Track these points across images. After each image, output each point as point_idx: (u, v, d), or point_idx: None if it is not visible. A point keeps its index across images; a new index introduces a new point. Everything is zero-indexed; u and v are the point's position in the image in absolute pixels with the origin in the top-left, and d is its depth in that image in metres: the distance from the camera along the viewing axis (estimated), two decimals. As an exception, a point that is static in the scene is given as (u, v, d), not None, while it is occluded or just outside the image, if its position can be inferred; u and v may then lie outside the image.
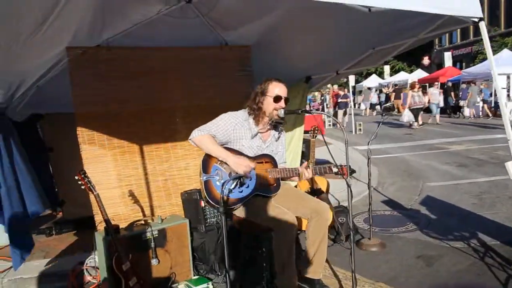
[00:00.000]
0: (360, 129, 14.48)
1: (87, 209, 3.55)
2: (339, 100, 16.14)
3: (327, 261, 3.47)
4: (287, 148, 4.92)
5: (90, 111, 3.79)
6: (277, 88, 2.70)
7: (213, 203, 2.51)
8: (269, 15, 3.82)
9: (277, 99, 2.65)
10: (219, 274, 3.30)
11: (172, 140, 4.21)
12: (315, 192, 4.03)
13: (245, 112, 2.73)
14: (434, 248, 3.75)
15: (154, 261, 3.11)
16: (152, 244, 3.11)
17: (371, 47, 3.97)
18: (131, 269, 2.78)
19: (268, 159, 2.65)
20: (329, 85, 31.20)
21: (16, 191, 3.13)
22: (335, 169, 2.73)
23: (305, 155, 5.60)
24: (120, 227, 3.14)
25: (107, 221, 2.81)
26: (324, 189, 4.07)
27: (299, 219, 3.17)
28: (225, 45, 4.53)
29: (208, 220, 3.36)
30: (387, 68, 31.58)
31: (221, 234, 3.32)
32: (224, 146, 2.62)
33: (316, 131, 4.17)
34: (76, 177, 2.78)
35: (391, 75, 30.15)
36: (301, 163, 4.68)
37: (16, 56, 3.12)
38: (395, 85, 23.69)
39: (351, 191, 2.60)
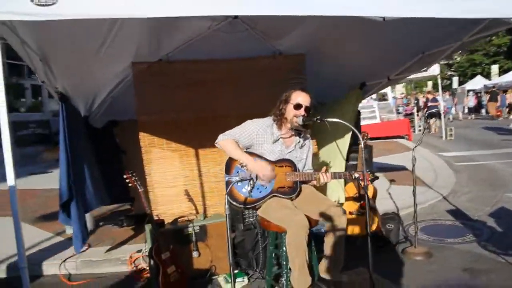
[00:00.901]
0: (451, 135, 13.55)
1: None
2: (429, 104, 15.26)
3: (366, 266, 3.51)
4: (330, 153, 4.96)
5: (151, 119, 4.26)
6: (300, 97, 2.84)
7: (232, 201, 2.74)
8: (312, 25, 3.93)
9: (297, 106, 2.79)
10: (256, 269, 3.50)
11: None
12: (360, 198, 4.04)
13: (269, 119, 2.91)
14: (485, 262, 3.51)
15: (195, 254, 3.44)
16: (194, 238, 3.44)
17: (420, 52, 3.88)
18: (170, 258, 3.12)
19: (288, 163, 2.79)
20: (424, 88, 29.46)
21: (81, 188, 3.68)
22: (356, 175, 2.79)
23: (367, 162, 5.54)
24: (166, 222, 3.52)
25: (149, 214, 3.20)
26: (370, 195, 4.05)
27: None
28: (279, 54, 4.74)
29: (247, 220, 3.59)
30: (495, 68, 28.77)
31: (257, 233, 3.54)
32: (247, 150, 2.84)
33: (366, 137, 4.16)
34: (125, 176, 3.21)
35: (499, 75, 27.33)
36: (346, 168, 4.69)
37: (88, 72, 3.69)
38: (492, 86, 21.57)
39: (368, 197, 2.64)
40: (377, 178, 2.87)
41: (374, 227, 3.90)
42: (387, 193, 5.97)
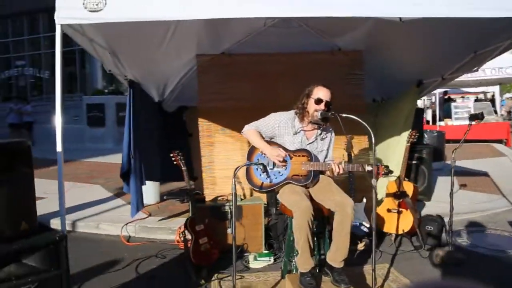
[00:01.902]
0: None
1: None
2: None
3: (391, 265, 3.58)
4: (393, 150, 4.92)
5: (210, 106, 4.71)
6: (320, 92, 3.01)
7: (250, 185, 3.04)
8: (369, 24, 3.99)
9: (318, 101, 2.97)
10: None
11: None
12: (400, 195, 4.04)
13: (292, 112, 3.12)
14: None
15: (229, 230, 3.82)
16: (229, 216, 3.82)
17: (472, 51, 3.74)
18: (203, 230, 3.53)
19: (305, 153, 2.98)
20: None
21: (143, 163, 4.25)
22: (368, 168, 2.88)
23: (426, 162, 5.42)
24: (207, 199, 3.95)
25: (190, 190, 3.64)
26: (409, 193, 4.03)
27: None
28: (338, 50, 4.86)
29: (279, 204, 3.85)
30: None
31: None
32: (271, 139, 3.10)
33: (413, 137, 4.13)
34: (171, 155, 3.68)
35: None
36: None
37: (154, 64, 4.23)
38: None
39: (375, 193, 2.74)
40: (391, 172, 2.93)
41: (408, 227, 3.90)
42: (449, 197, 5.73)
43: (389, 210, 4.05)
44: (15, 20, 15.60)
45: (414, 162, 5.25)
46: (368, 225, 4.03)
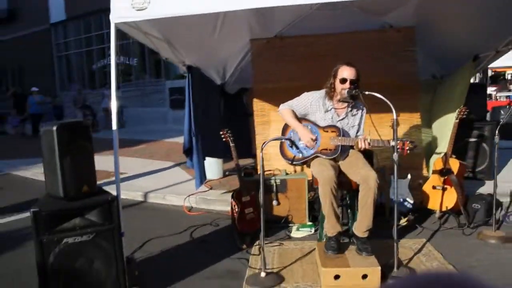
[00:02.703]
0: None
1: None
2: None
3: (428, 240, 3.63)
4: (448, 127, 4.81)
5: (264, 87, 5.01)
6: (345, 72, 3.14)
7: (282, 157, 3.33)
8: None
9: (342, 81, 3.11)
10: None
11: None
12: (445, 172, 4.02)
13: (323, 91, 3.30)
14: None
15: (274, 202, 4.14)
16: (274, 189, 4.13)
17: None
18: (249, 201, 3.89)
19: (335, 129, 3.15)
20: None
21: (205, 142, 4.70)
22: (392, 143, 2.99)
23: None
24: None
25: (237, 165, 4.01)
26: (454, 170, 3.98)
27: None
28: (389, 27, 4.85)
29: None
30: None
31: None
32: (304, 116, 3.32)
33: (462, 113, 4.05)
34: (220, 133, 4.06)
35: None
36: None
37: (209, 50, 4.62)
38: None
39: (397, 167, 2.85)
40: (415, 146, 3.00)
41: (451, 204, 3.89)
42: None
43: (434, 187, 4.06)
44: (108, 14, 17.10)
45: (473, 139, 5.08)
46: (412, 201, 4.09)
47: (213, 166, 5.75)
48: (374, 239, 3.30)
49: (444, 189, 3.98)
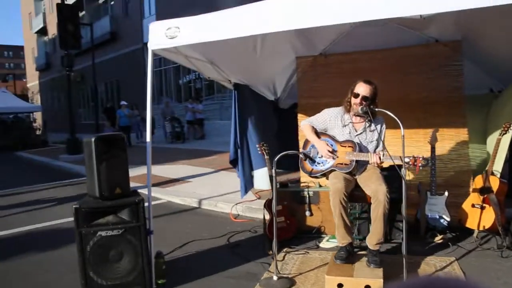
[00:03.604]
0: None
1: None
2: None
3: (458, 259, 3.53)
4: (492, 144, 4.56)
5: (308, 102, 5.21)
6: (360, 88, 3.25)
7: (302, 170, 3.50)
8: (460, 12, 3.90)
9: (355, 96, 3.24)
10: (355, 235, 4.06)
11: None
12: (484, 191, 3.85)
13: (342, 107, 3.43)
14: None
15: (307, 213, 4.30)
16: (307, 200, 4.30)
17: None
18: (281, 211, 4.11)
19: (351, 144, 3.25)
20: None
21: (246, 152, 5.02)
22: (406, 159, 3.03)
23: None
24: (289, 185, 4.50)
25: (271, 176, 4.25)
26: (494, 189, 3.79)
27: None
28: (434, 42, 4.78)
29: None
30: None
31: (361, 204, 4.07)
32: (324, 131, 3.47)
33: (506, 129, 3.88)
34: (257, 146, 4.34)
35: None
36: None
37: (254, 69, 4.96)
38: None
39: (405, 183, 2.89)
40: (428, 163, 3.00)
41: (489, 224, 3.72)
42: None
43: (473, 205, 3.91)
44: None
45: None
46: (448, 219, 3.99)
47: (264, 177, 6.04)
48: (400, 255, 3.35)
49: (482, 208, 3.83)
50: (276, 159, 3.25)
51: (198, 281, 3.29)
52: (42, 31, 31.95)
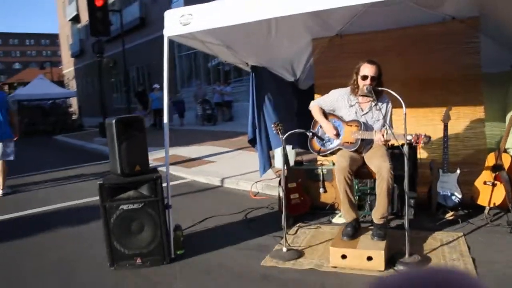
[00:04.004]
0: None
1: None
2: None
3: (466, 234, 3.61)
4: None
5: (324, 82, 5.29)
6: (366, 69, 3.33)
7: (310, 149, 3.64)
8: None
9: (363, 77, 3.31)
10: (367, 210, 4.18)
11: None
12: (496, 168, 3.88)
13: (349, 88, 3.53)
14: None
15: (321, 190, 4.45)
16: (321, 178, 4.45)
17: None
18: (295, 188, 4.28)
19: (357, 124, 3.35)
20: None
21: (264, 131, 5.19)
22: (409, 137, 3.12)
23: None
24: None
25: (285, 155, 4.41)
26: (506, 166, 3.81)
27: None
28: (451, 19, 4.74)
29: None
30: None
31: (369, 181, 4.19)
32: (332, 112, 3.60)
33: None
34: (272, 126, 4.50)
35: None
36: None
37: (270, 51, 5.08)
38: None
39: (407, 159, 2.99)
40: (429, 140, 3.07)
41: (499, 201, 3.76)
42: None
43: (485, 183, 3.95)
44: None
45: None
46: (460, 196, 4.04)
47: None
48: (410, 230, 3.49)
49: (494, 185, 3.86)
50: (284, 138, 3.41)
51: (213, 252, 3.53)
52: (76, 19, 32.84)
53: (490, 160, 4.00)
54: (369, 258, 2.96)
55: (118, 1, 26.23)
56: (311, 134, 3.61)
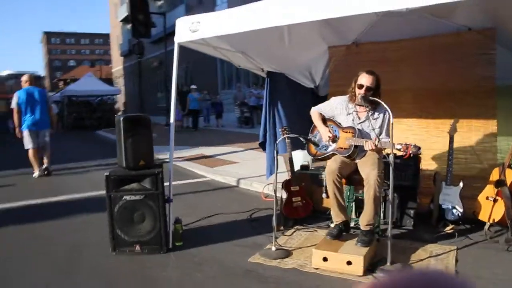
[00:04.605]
0: None
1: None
2: None
3: (459, 248, 3.60)
4: None
5: (339, 90, 5.35)
6: (363, 79, 3.41)
7: (307, 153, 3.77)
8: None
9: (359, 86, 3.41)
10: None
11: (397, 116, 5.04)
12: (499, 183, 3.83)
13: (347, 96, 3.63)
14: None
15: (324, 195, 4.55)
16: (324, 183, 4.55)
17: None
18: (297, 191, 4.41)
19: (352, 130, 3.43)
20: None
21: (274, 137, 5.34)
22: (398, 146, 3.19)
23: None
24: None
25: (290, 159, 4.55)
26: (509, 181, 3.74)
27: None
28: (467, 30, 4.70)
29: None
30: None
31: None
32: (332, 118, 3.71)
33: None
34: (280, 130, 4.65)
35: None
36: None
37: (286, 57, 5.25)
38: None
39: (392, 168, 3.05)
40: (418, 150, 3.11)
41: (498, 217, 3.72)
42: None
43: (487, 198, 3.91)
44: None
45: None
46: (461, 210, 4.02)
47: (300, 160, 6.34)
48: (404, 240, 3.57)
49: (495, 201, 3.82)
50: (277, 142, 3.58)
51: (209, 246, 3.74)
52: (126, 20, 34.27)
53: (495, 175, 3.95)
54: (349, 263, 3.05)
55: (166, 4, 27.24)
56: (304, 139, 3.74)
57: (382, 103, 3.20)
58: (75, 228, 4.39)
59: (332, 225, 3.75)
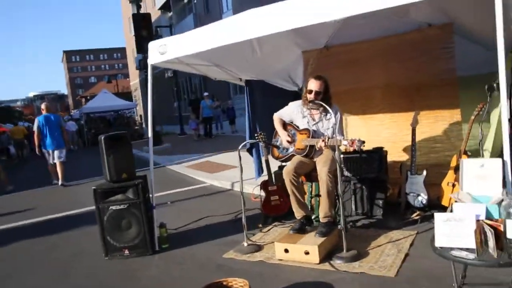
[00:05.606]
0: None
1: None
2: None
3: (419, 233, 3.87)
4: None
5: (315, 93, 5.69)
6: (312, 84, 3.73)
7: (272, 156, 4.13)
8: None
9: (309, 92, 3.73)
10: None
11: (369, 112, 5.37)
12: (457, 169, 4.06)
13: (301, 100, 3.96)
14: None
15: (302, 192, 4.89)
16: (301, 182, 4.88)
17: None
18: (275, 190, 4.75)
19: (306, 132, 3.74)
20: None
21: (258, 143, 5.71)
22: (344, 142, 3.50)
23: None
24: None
25: (266, 161, 4.90)
26: (464, 169, 3.98)
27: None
28: (427, 26, 4.94)
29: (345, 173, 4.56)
30: None
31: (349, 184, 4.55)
32: (291, 122, 4.04)
33: (479, 110, 4.06)
34: (255, 135, 5.01)
35: None
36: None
37: (261, 65, 5.59)
38: None
39: (339, 165, 3.36)
40: (361, 144, 3.40)
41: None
42: None
43: (448, 184, 4.16)
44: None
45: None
46: (426, 197, 4.28)
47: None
48: (372, 229, 3.86)
49: (453, 186, 4.07)
50: (240, 148, 3.95)
51: (192, 246, 4.15)
52: (139, 34, 35.37)
53: (454, 161, 4.20)
54: (307, 253, 3.39)
55: (175, 15, 27.95)
56: (267, 144, 4.10)
57: (326, 106, 3.51)
58: (77, 239, 4.88)
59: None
